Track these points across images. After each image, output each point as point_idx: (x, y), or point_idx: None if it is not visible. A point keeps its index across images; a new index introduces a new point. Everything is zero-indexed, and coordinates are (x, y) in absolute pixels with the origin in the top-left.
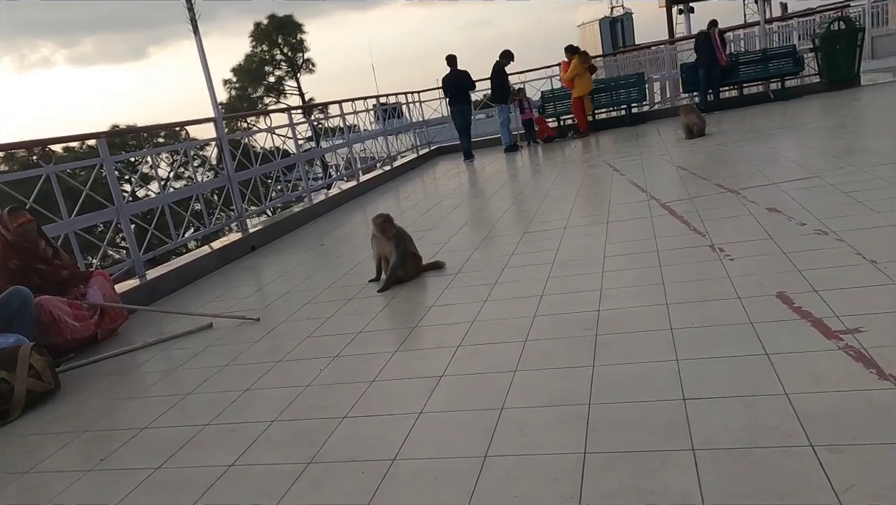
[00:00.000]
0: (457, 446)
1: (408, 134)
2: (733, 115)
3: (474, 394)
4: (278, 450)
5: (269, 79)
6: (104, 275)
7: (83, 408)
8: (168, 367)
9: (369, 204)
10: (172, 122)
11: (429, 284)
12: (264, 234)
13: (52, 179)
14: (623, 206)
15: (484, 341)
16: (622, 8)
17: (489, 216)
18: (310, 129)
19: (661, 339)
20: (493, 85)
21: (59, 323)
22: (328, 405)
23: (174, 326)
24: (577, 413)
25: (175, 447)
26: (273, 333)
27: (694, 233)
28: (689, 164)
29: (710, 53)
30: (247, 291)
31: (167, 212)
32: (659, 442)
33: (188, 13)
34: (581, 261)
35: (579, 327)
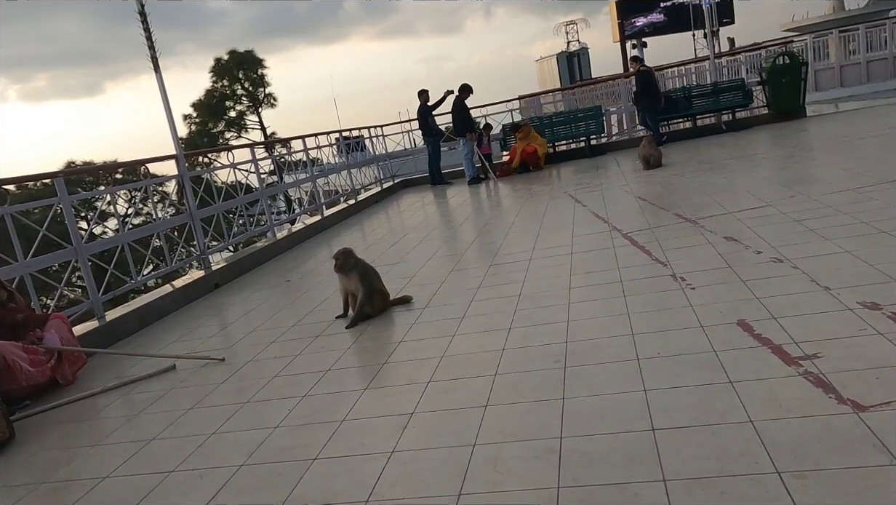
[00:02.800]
0: (430, 486)
1: (371, 167)
2: (687, 147)
3: (446, 431)
4: (249, 495)
5: (230, 113)
6: (61, 317)
7: (39, 458)
8: (130, 411)
9: (334, 238)
10: (132, 160)
11: (397, 320)
12: (227, 272)
13: (7, 220)
14: (586, 237)
15: (454, 376)
16: (578, 42)
17: (455, 249)
18: (272, 163)
19: (628, 369)
20: (455, 119)
21: (13, 369)
22: (298, 446)
23: (136, 369)
24: (549, 447)
25: (139, 497)
26: (239, 373)
27: (656, 263)
28: (648, 195)
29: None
30: (211, 330)
31: (127, 250)
32: (630, 474)
33: (149, 51)
34: (547, 293)
35: (548, 360)
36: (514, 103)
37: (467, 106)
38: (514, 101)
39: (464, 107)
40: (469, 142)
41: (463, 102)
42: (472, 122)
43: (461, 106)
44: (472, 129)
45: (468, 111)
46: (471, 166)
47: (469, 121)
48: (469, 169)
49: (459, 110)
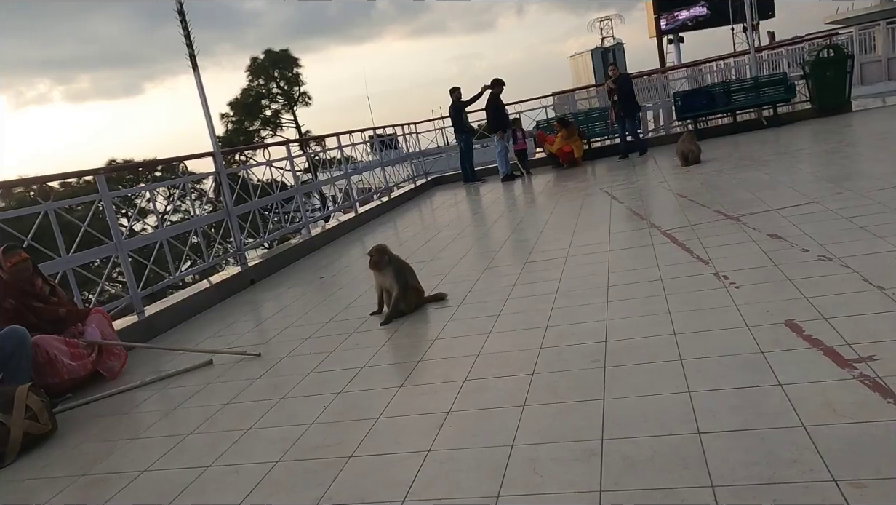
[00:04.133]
0: (468, 487)
1: (404, 164)
2: (726, 142)
3: (483, 430)
4: (283, 492)
5: (265, 112)
6: (102, 312)
7: (81, 451)
8: (167, 406)
9: (368, 235)
10: (171, 157)
11: (431, 317)
12: (263, 268)
13: (51, 216)
14: (623, 234)
15: (490, 375)
16: (612, 38)
17: (489, 246)
18: (307, 161)
19: (670, 370)
20: (488, 115)
21: (55, 363)
22: (333, 444)
23: (173, 364)
24: (589, 449)
25: (176, 491)
26: (274, 369)
27: (697, 261)
28: (687, 191)
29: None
30: (246, 325)
31: (165, 246)
32: (676, 479)
33: (187, 49)
34: (584, 291)
35: (587, 360)
36: (547, 100)
37: (502, 101)
38: (548, 98)
39: (498, 102)
40: (500, 139)
41: (497, 98)
42: (506, 118)
43: (495, 102)
44: (505, 126)
45: (503, 107)
46: (505, 163)
47: (502, 117)
48: (503, 166)
49: (493, 106)
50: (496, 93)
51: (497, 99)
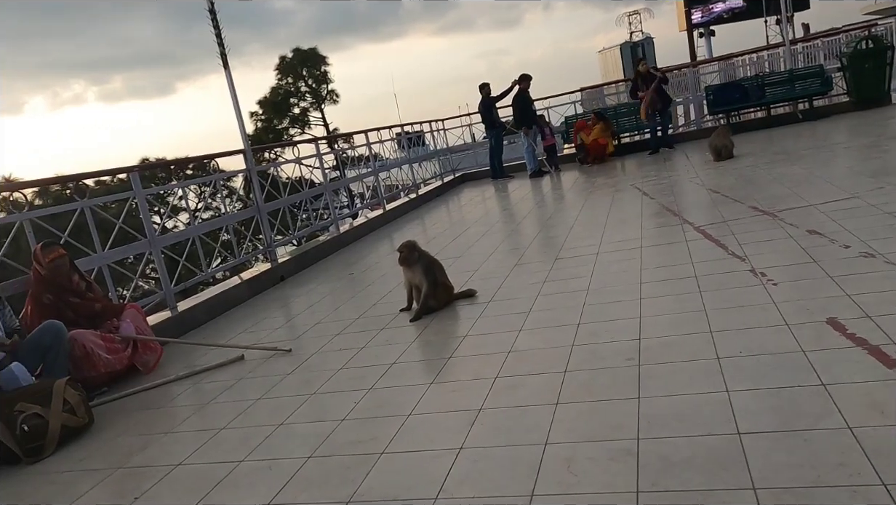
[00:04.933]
0: (501, 484)
1: (431, 161)
2: (760, 137)
3: (515, 428)
4: (315, 488)
5: (294, 110)
6: (136, 308)
7: (117, 444)
8: (200, 400)
9: (396, 232)
10: (202, 154)
11: (461, 313)
12: (293, 265)
13: (87, 213)
14: (655, 230)
15: (522, 372)
16: (641, 33)
17: (518, 243)
18: (335, 158)
19: (707, 368)
20: (515, 111)
21: (91, 357)
22: (365, 440)
23: (206, 359)
24: (625, 448)
25: (210, 485)
26: (305, 364)
27: (732, 257)
28: (721, 187)
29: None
30: (277, 321)
31: (197, 243)
32: (716, 480)
33: (218, 48)
34: (616, 288)
35: (620, 357)
36: (575, 95)
37: (530, 97)
38: (576, 93)
39: (524, 98)
40: (525, 136)
41: (525, 94)
42: (533, 114)
43: (522, 97)
44: (531, 123)
45: (530, 103)
46: (532, 159)
47: (529, 113)
48: (530, 162)
49: (520, 102)
50: (523, 88)
51: (524, 94)
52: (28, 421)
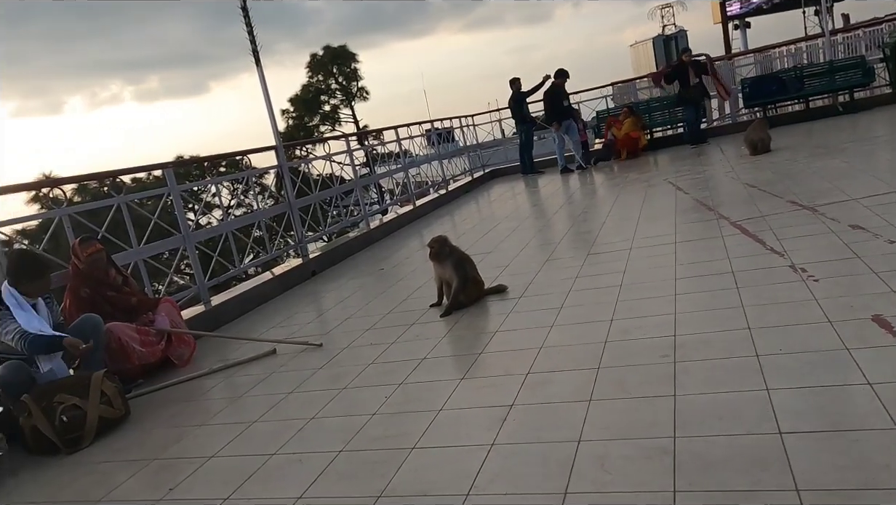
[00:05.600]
0: (534, 482)
1: (461, 158)
2: (799, 130)
3: (548, 425)
4: (347, 482)
5: (324, 108)
6: (171, 302)
7: (152, 435)
8: (233, 393)
9: (425, 228)
10: (235, 151)
11: (491, 309)
12: (323, 260)
13: (123, 209)
14: (690, 225)
15: (553, 368)
16: (674, 26)
17: (549, 238)
18: (365, 155)
19: (746, 366)
20: (546, 106)
21: (126, 349)
22: (396, 435)
23: (238, 353)
24: (661, 447)
25: (243, 478)
26: (336, 359)
27: (771, 253)
28: (758, 181)
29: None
30: (308, 316)
31: (230, 238)
32: (757, 481)
33: (251, 46)
34: (650, 284)
35: (655, 354)
36: (606, 90)
37: (564, 92)
38: (607, 88)
39: (558, 93)
40: (555, 131)
41: (559, 89)
42: (564, 109)
43: (556, 92)
44: (560, 118)
45: (561, 98)
46: (579, 149)
47: (559, 109)
48: (561, 158)
49: (552, 96)
50: (559, 83)
51: (559, 90)
52: (67, 412)
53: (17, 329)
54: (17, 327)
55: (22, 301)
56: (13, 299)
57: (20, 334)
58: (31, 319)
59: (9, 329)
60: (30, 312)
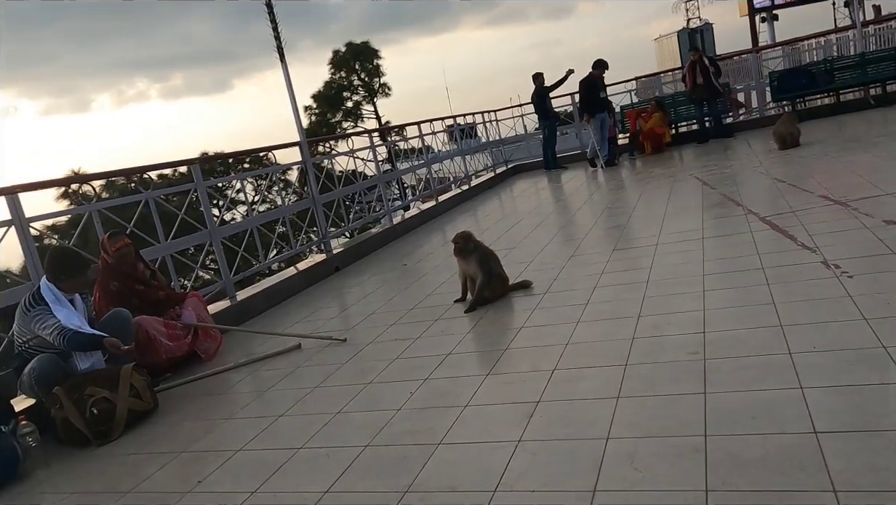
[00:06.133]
0: (562, 479)
1: (483, 153)
2: (829, 124)
3: (575, 422)
4: (373, 477)
5: (347, 104)
6: (198, 296)
7: (180, 428)
8: (259, 388)
9: (448, 224)
10: (260, 147)
11: (516, 305)
12: (347, 256)
13: (151, 204)
14: (718, 220)
15: (580, 365)
16: (699, 20)
17: (573, 234)
18: (387, 151)
19: (778, 364)
20: (582, 96)
21: (154, 343)
22: (421, 430)
23: (264, 347)
24: (692, 445)
25: (270, 471)
26: (360, 354)
27: (802, 248)
28: (787, 176)
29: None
30: (332, 311)
31: (255, 234)
32: (792, 481)
33: (275, 42)
34: (678, 280)
35: (684, 351)
36: (630, 84)
37: (603, 83)
38: (631, 82)
39: (594, 84)
40: (586, 122)
41: (594, 80)
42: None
43: (592, 83)
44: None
45: (598, 90)
46: (605, 147)
47: (596, 100)
48: (603, 150)
49: (587, 87)
50: (597, 74)
51: (595, 81)
52: (97, 405)
53: (55, 324)
54: (56, 323)
55: (60, 297)
56: (52, 295)
57: (59, 330)
58: (70, 316)
59: (47, 324)
60: (69, 308)
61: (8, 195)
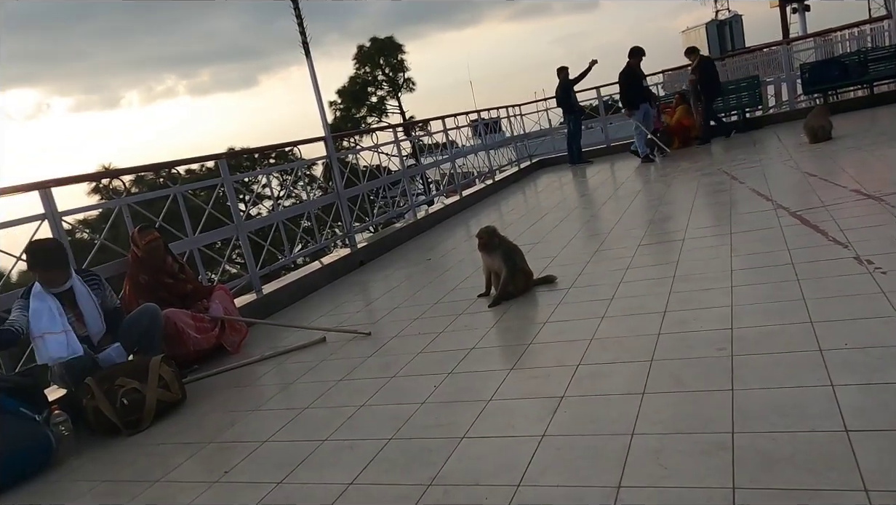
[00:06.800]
0: (586, 474)
1: (507, 148)
2: (862, 117)
3: (600, 417)
4: (397, 470)
5: (371, 99)
6: (225, 289)
7: (207, 419)
8: (284, 380)
9: (472, 218)
10: (285, 142)
11: (540, 300)
12: (371, 250)
13: (179, 199)
14: (746, 215)
15: (605, 361)
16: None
17: (598, 229)
18: (411, 145)
19: (808, 361)
20: (623, 89)
21: (182, 335)
22: (445, 424)
23: (289, 340)
24: (718, 442)
25: (295, 462)
26: (384, 348)
27: (834, 244)
28: (819, 170)
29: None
30: (356, 305)
31: (281, 228)
32: (822, 480)
33: (300, 37)
34: (705, 275)
35: (711, 347)
36: (657, 77)
37: (642, 72)
38: (657, 76)
39: (633, 74)
40: (629, 116)
41: (633, 70)
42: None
43: (632, 73)
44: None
45: (639, 79)
46: (643, 143)
47: (639, 91)
48: (641, 146)
49: (627, 78)
50: (634, 63)
51: (634, 70)
52: (127, 395)
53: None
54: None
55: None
56: (39, 288)
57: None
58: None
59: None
60: (48, 303)
61: (41, 189)
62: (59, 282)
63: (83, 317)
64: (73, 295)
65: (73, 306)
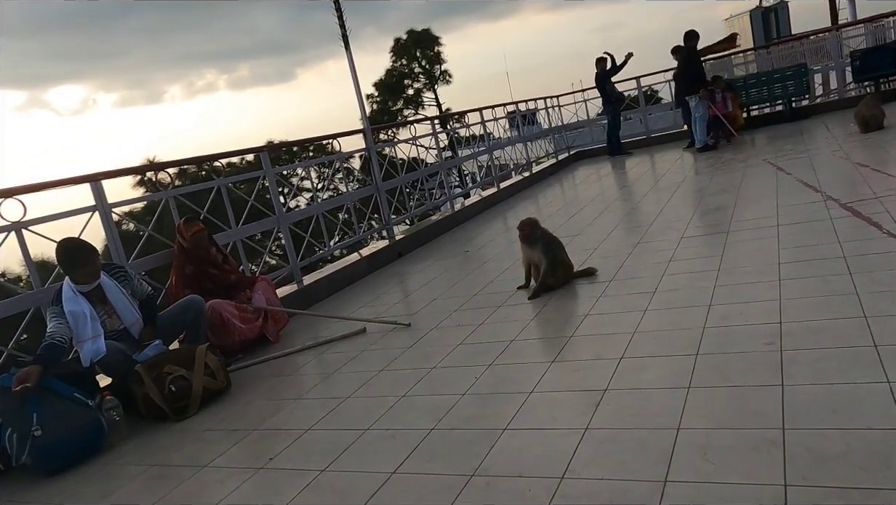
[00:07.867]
0: (631, 468)
1: (545, 140)
2: None
3: (644, 411)
4: (439, 460)
5: (408, 91)
6: (267, 280)
7: (251, 407)
8: (326, 370)
9: (509, 210)
10: (325, 134)
11: (580, 292)
12: (409, 242)
13: (222, 191)
14: (793, 207)
15: (648, 354)
16: None
17: (639, 221)
18: (448, 138)
19: (862, 357)
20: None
21: (227, 325)
22: (486, 415)
23: (329, 331)
24: (768, 438)
25: (338, 450)
26: (424, 339)
27: (888, 236)
28: (870, 161)
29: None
30: (395, 297)
31: (321, 220)
32: (877, 479)
33: (340, 31)
34: (751, 268)
35: (759, 341)
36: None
37: (697, 57)
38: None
39: (693, 59)
40: (702, 100)
41: (692, 52)
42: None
43: (690, 57)
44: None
45: (696, 65)
46: (704, 130)
47: (700, 74)
48: (701, 134)
49: (686, 63)
50: (692, 47)
51: (692, 54)
52: (175, 382)
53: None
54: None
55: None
56: (70, 291)
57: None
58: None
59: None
60: (82, 304)
61: (92, 182)
62: (88, 280)
63: (115, 311)
64: (102, 291)
65: (103, 302)
